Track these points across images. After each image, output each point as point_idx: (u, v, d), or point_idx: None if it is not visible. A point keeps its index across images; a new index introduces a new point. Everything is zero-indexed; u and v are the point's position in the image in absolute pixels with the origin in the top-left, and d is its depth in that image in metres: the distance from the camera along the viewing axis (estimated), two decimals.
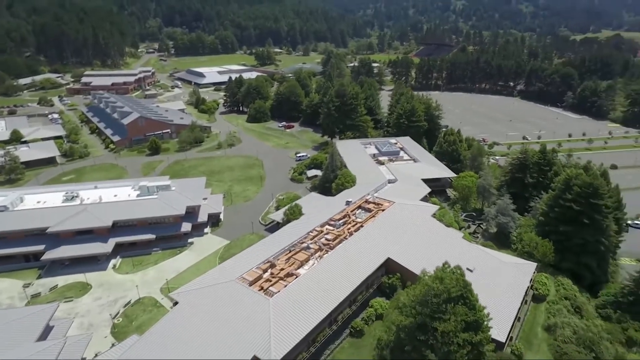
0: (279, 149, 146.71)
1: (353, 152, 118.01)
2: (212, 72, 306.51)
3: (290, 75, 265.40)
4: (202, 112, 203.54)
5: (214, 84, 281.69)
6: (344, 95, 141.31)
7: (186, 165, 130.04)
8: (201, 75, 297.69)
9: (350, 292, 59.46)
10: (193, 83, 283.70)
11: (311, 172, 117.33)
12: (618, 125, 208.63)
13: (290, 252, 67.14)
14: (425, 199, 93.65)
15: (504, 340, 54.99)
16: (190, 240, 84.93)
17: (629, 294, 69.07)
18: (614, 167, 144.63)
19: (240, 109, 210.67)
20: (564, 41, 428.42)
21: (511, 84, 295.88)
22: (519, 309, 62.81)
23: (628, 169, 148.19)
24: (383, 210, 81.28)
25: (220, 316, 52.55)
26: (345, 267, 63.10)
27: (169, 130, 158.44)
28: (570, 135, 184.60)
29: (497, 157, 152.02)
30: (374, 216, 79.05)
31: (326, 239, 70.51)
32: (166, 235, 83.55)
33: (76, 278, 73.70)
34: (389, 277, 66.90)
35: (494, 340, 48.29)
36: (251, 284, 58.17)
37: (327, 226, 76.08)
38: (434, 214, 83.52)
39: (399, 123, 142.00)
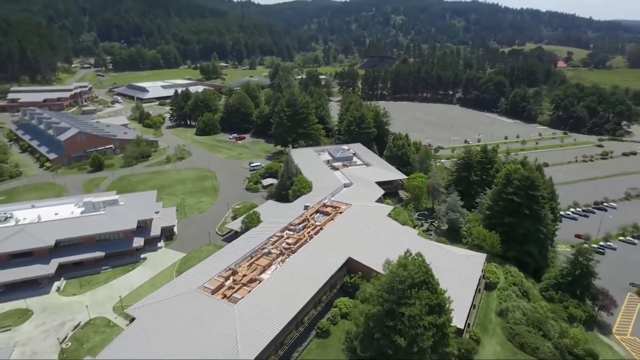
0: (232, 160, 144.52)
1: (308, 159, 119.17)
2: (156, 86, 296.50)
3: (237, 88, 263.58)
4: (147, 126, 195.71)
5: (159, 98, 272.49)
6: (295, 105, 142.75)
7: (133, 181, 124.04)
8: (144, 90, 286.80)
9: (315, 294, 59.64)
10: (136, 98, 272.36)
11: (266, 181, 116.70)
12: (546, 127, 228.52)
13: (251, 258, 66.20)
14: (380, 201, 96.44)
15: (462, 327, 57.71)
16: (143, 255, 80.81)
17: (567, 275, 75.19)
18: (545, 164, 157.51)
19: (188, 122, 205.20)
20: (494, 53, 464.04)
21: (450, 92, 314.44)
22: (474, 297, 66.23)
23: (557, 166, 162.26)
24: (341, 212, 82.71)
25: (183, 327, 50.47)
26: (308, 269, 63.27)
27: (112, 145, 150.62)
28: (506, 138, 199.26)
29: (442, 160, 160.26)
30: (332, 219, 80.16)
31: (287, 243, 70.34)
32: (116, 252, 78.92)
33: (15, 305, 67.32)
34: (351, 276, 67.85)
35: None
36: (214, 292, 56.52)
37: (287, 231, 75.96)
38: (389, 213, 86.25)
39: (350, 130, 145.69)
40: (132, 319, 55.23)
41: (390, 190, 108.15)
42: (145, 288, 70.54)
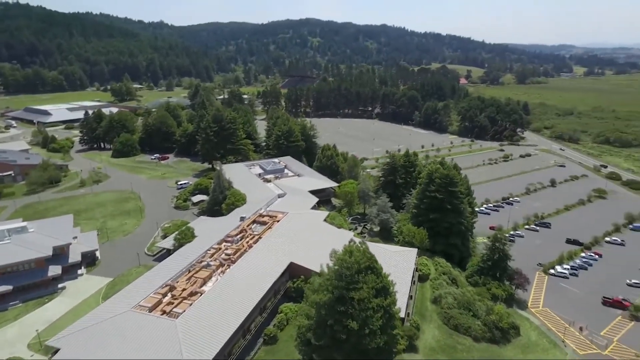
0: (156, 180, 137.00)
1: (239, 173, 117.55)
2: (61, 109, 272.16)
3: (154, 110, 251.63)
4: (53, 151, 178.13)
5: (65, 121, 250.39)
6: (221, 120, 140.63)
7: (41, 208, 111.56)
8: (46, 113, 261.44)
9: (259, 301, 58.66)
10: (36, 122, 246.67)
11: (196, 198, 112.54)
12: (456, 136, 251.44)
13: (190, 272, 63.22)
14: (314, 209, 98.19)
15: (403, 316, 60.64)
16: (61, 285, 72.76)
17: (487, 260, 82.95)
18: (458, 168, 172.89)
19: (102, 145, 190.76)
20: (405, 71, 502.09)
21: (369, 108, 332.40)
22: (410, 288, 70.08)
23: (468, 170, 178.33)
24: (278, 221, 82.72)
25: (120, 350, 46.36)
26: (250, 278, 62.14)
27: (11, 172, 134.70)
28: (422, 147, 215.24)
29: (368, 170, 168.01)
30: (270, 227, 79.84)
31: (226, 254, 68.50)
32: (27, 283, 70.07)
33: None
34: (294, 281, 67.91)
35: None
36: (151, 309, 52.88)
37: (224, 243, 73.98)
38: (325, 219, 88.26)
39: (279, 144, 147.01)
40: (55, 351, 49.33)
41: (323, 198, 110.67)
42: (67, 319, 63.38)
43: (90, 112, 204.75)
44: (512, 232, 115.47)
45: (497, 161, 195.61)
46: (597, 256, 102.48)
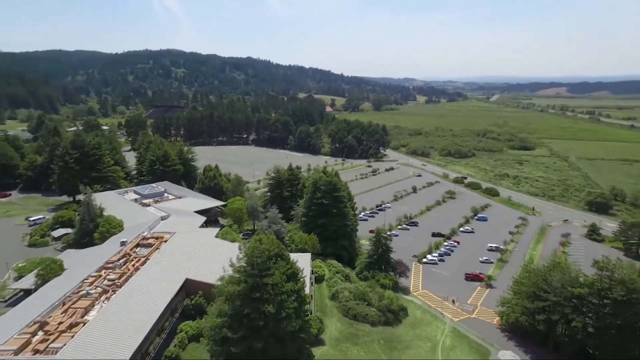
0: None
1: (111, 201, 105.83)
2: None
3: None
4: None
5: None
6: (83, 146, 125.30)
7: None
8: None
9: (155, 322, 53.48)
10: None
11: (58, 232, 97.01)
12: (329, 156, 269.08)
13: (65, 304, 54.19)
14: (203, 227, 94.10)
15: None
16: None
17: (373, 255, 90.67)
18: (339, 175, 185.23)
19: None
20: (275, 99, 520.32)
21: (244, 135, 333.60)
22: (309, 289, 72.14)
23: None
24: (166, 241, 77.00)
25: None
26: (142, 299, 56.36)
27: None
28: (300, 168, 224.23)
29: (251, 192, 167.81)
30: (158, 248, 73.80)
31: (109, 280, 60.80)
32: None
33: None
34: (191, 298, 63.79)
35: None
36: (18, 352, 43.68)
37: (104, 270, 65.52)
38: (217, 235, 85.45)
39: (154, 169, 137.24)
40: None
41: (210, 218, 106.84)
42: None
43: None
44: (388, 233, 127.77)
45: (367, 175, 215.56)
46: (456, 243, 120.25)
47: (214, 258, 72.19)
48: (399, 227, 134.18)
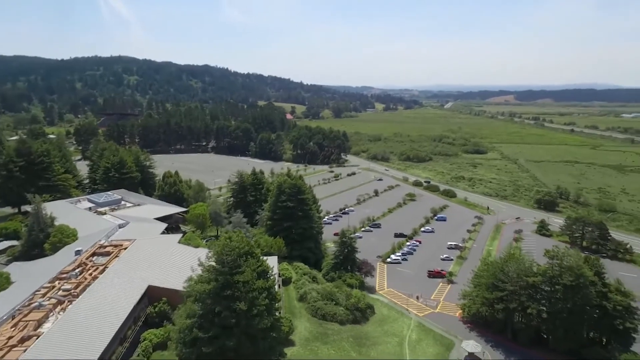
0: None
1: (63, 209, 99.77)
2: None
3: None
4: None
5: None
6: (29, 154, 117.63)
7: None
8: None
9: (117, 330, 51.02)
10: None
11: (2, 245, 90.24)
12: (291, 163, 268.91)
13: (14, 318, 50.46)
14: (164, 234, 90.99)
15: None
16: None
17: (339, 256, 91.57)
18: (303, 178, 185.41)
19: None
20: (235, 107, 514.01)
21: (204, 142, 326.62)
22: (277, 292, 71.72)
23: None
24: (125, 248, 73.79)
25: None
26: (102, 308, 53.65)
27: None
28: (263, 172, 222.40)
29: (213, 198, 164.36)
30: (117, 256, 70.55)
31: (65, 290, 57.32)
32: None
33: None
34: (155, 305, 61.44)
35: None
36: None
37: (58, 281, 61.70)
38: (179, 240, 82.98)
39: (109, 177, 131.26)
40: None
41: (172, 225, 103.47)
42: None
43: None
44: (352, 235, 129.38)
45: (330, 180, 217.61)
46: (418, 243, 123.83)
47: (178, 264, 70.03)
48: (363, 229, 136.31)
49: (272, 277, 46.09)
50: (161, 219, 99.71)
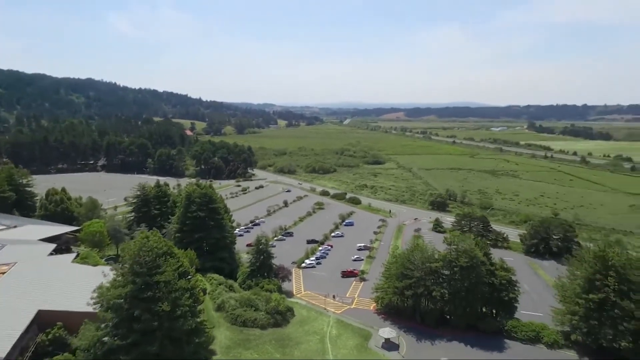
0: None
1: None
2: None
3: None
4: None
5: None
6: None
7: None
8: None
9: None
10: None
11: None
12: (195, 178, 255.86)
13: None
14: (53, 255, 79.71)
15: None
16: None
17: (255, 262, 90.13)
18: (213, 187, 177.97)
19: None
20: (127, 123, 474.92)
21: (92, 160, 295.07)
22: None
23: None
24: (3, 273, 63.01)
25: None
26: None
27: None
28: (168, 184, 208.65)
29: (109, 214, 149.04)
30: None
31: None
32: None
33: None
34: (47, 332, 53.31)
35: None
36: None
37: None
38: (74, 260, 73.69)
39: None
40: None
41: (61, 247, 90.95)
42: None
43: None
44: (268, 241, 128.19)
45: (238, 194, 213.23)
46: (329, 247, 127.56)
47: (74, 284, 62.11)
48: (276, 238, 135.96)
49: (195, 276, 43.62)
50: (48, 240, 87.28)
